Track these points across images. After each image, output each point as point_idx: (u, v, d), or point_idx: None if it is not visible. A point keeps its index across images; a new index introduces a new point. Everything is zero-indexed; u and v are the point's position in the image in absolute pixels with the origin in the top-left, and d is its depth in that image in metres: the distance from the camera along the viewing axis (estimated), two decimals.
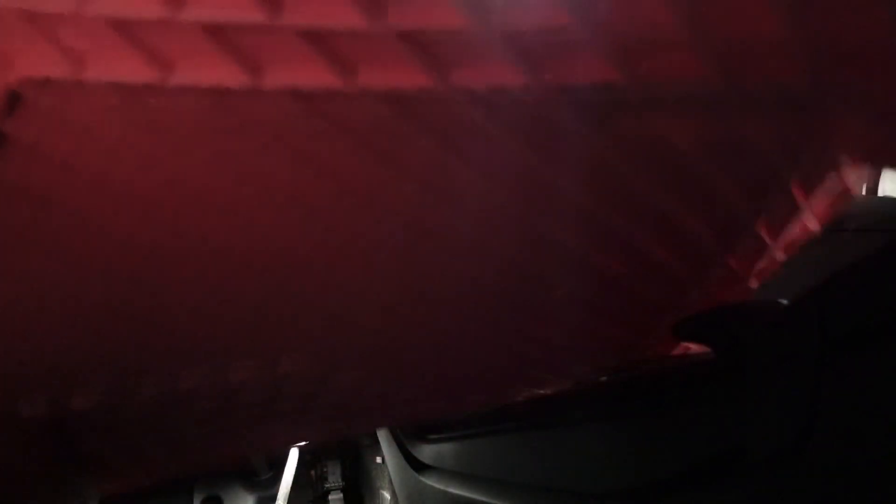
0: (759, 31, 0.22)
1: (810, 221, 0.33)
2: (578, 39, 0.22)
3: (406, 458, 0.80)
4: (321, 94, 0.24)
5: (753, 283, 0.37)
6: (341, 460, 1.27)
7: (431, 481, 0.73)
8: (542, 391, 0.54)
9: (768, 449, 0.32)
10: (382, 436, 0.89)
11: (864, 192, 1.53)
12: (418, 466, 0.77)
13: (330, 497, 1.23)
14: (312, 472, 1.27)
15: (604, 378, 0.63)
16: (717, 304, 0.50)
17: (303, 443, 1.10)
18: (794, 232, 0.34)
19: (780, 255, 0.35)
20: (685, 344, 0.52)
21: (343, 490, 1.24)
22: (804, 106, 0.25)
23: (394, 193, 0.28)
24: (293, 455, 1.11)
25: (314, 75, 0.23)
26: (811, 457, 0.29)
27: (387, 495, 1.07)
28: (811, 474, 0.30)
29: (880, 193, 1.51)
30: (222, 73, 0.23)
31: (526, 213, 0.30)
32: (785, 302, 0.33)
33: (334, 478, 1.24)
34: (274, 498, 1.06)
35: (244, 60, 0.23)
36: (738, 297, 0.37)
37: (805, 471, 0.30)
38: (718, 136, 0.26)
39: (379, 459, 1.09)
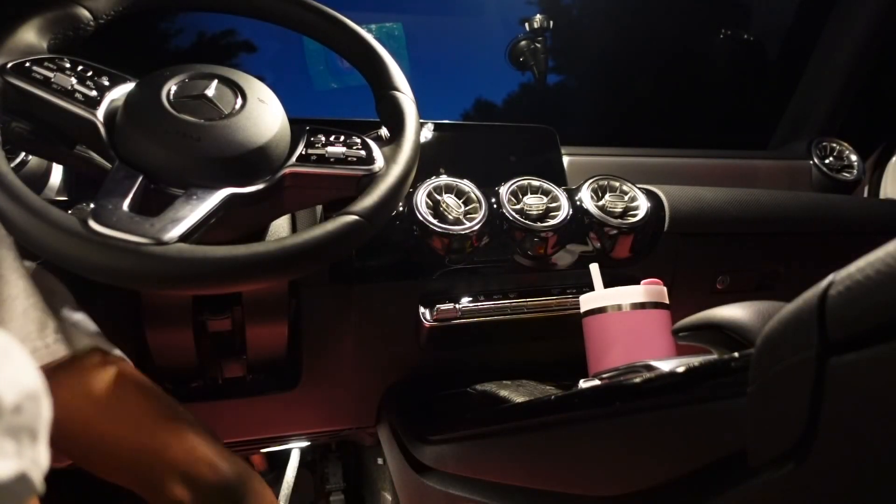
0: None
1: None
2: None
3: (407, 460, 0.79)
4: None
5: None
6: (343, 461, 1.27)
7: (433, 483, 0.73)
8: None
9: (770, 452, 0.32)
10: (384, 437, 0.89)
11: (866, 194, 1.53)
12: (420, 468, 0.77)
13: (331, 498, 1.22)
14: (314, 474, 1.27)
15: (605, 380, 0.63)
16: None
17: (304, 443, 1.10)
18: None
19: None
20: (685, 344, 0.52)
21: (344, 491, 1.24)
22: None
23: None
24: (294, 456, 1.11)
25: None
26: (813, 460, 0.29)
27: (388, 496, 1.07)
28: (814, 478, 0.30)
29: (882, 196, 1.50)
30: None
31: None
32: (785, 302, 0.33)
33: (335, 479, 1.24)
34: None
35: None
36: None
37: (807, 474, 0.30)
38: None
39: (380, 461, 1.09)
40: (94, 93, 0.59)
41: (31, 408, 0.33)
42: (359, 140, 0.67)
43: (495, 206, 0.86)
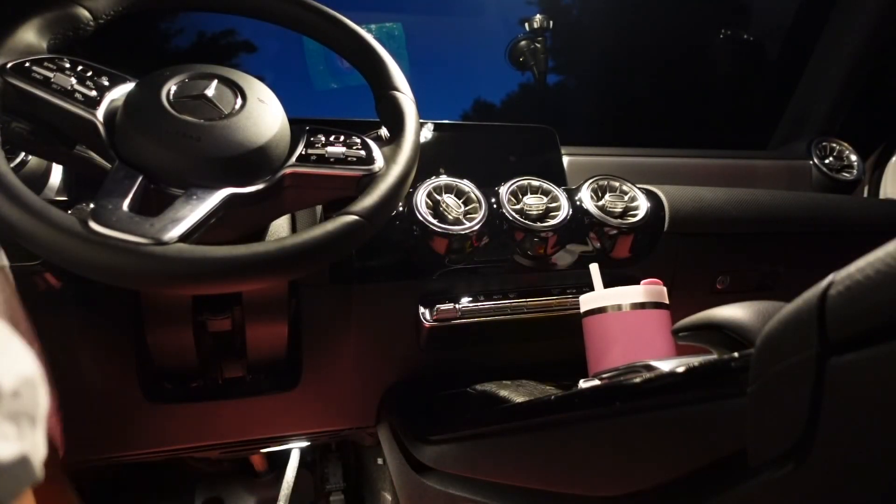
0: None
1: None
2: None
3: (407, 460, 0.79)
4: None
5: None
6: (342, 461, 1.27)
7: (433, 483, 0.73)
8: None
9: (770, 452, 0.32)
10: (384, 437, 0.89)
11: (866, 194, 1.53)
12: (420, 468, 0.77)
13: (331, 498, 1.22)
14: (314, 474, 1.27)
15: (605, 380, 0.63)
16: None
17: (304, 443, 1.10)
18: None
19: None
20: (685, 344, 0.52)
21: (344, 491, 1.24)
22: None
23: None
24: (294, 456, 1.11)
25: None
26: (813, 460, 0.29)
27: (388, 496, 1.07)
28: (814, 478, 0.30)
29: (882, 196, 1.50)
30: None
31: None
32: (785, 302, 0.33)
33: (335, 479, 1.24)
34: (275, 499, 1.06)
35: None
36: None
37: (807, 474, 0.30)
38: None
39: (380, 461, 1.09)
40: (93, 93, 0.59)
41: (29, 394, 0.33)
42: (359, 140, 0.67)
43: (495, 206, 0.86)
